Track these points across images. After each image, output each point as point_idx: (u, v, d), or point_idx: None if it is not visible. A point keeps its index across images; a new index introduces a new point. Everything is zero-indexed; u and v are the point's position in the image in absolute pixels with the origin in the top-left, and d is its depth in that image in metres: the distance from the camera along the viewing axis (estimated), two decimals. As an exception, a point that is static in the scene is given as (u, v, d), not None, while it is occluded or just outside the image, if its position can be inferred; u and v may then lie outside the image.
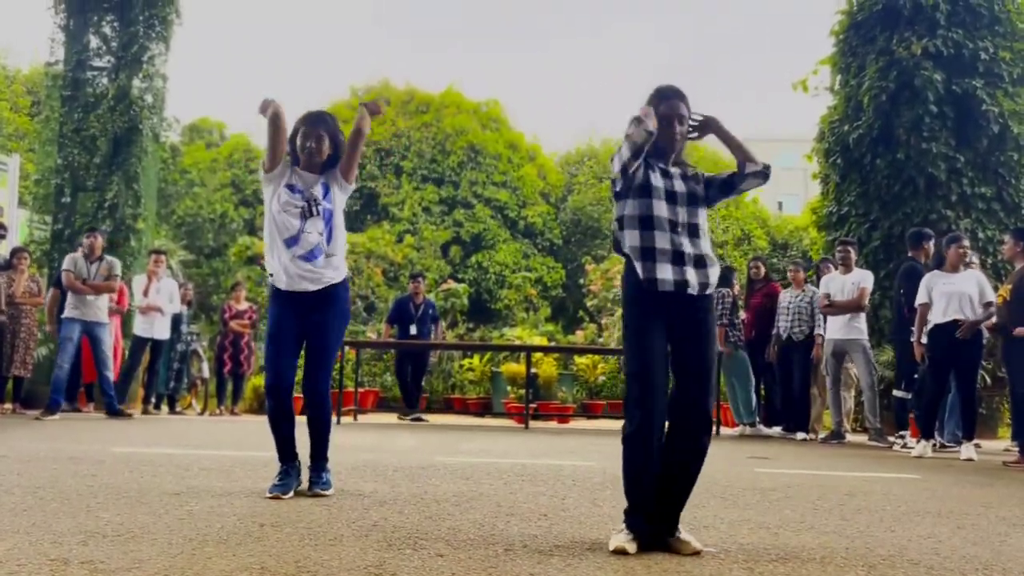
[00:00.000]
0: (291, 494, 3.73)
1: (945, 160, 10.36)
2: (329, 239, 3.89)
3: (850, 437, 8.62)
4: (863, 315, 8.29)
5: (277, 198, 3.86)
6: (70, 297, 8.57)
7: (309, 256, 3.83)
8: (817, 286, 8.89)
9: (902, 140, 10.49)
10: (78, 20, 11.66)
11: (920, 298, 7.25)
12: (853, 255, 8.44)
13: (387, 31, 78.32)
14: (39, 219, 11.57)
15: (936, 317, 7.07)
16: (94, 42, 11.75)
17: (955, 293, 6.99)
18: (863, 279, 8.30)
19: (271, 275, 3.92)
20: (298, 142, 3.87)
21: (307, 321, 3.90)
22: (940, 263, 7.31)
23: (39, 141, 12.26)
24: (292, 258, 3.83)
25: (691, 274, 2.98)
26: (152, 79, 11.78)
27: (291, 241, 3.83)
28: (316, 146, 3.84)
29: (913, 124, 10.45)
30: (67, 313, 8.55)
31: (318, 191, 3.88)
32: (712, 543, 2.98)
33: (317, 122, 3.88)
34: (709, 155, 26.01)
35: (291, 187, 3.88)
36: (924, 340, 7.25)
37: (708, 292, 3.02)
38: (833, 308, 8.25)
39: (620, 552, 2.77)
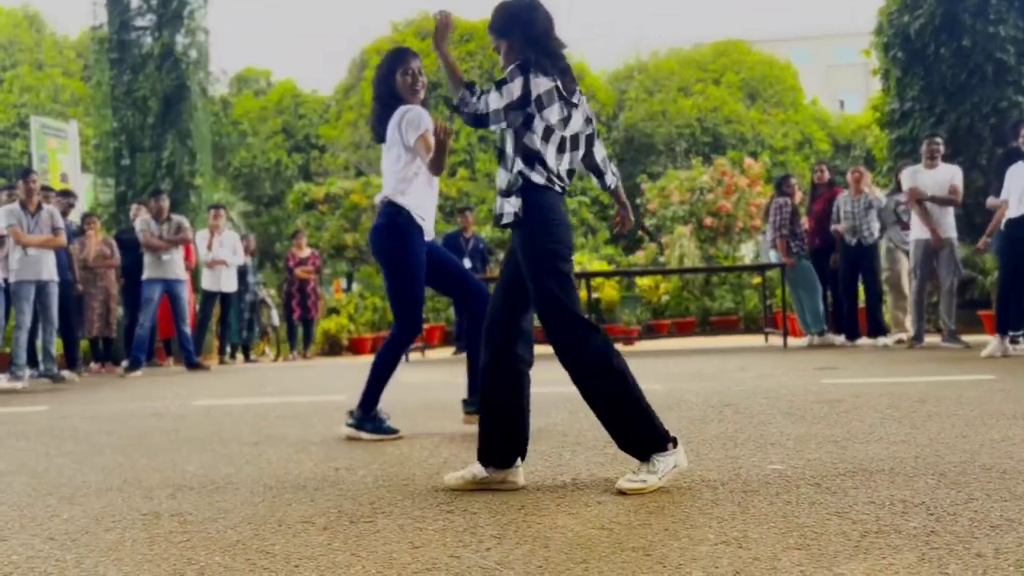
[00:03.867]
0: None
1: (1014, 43, 9.83)
2: None
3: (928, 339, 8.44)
4: (951, 212, 7.93)
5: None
6: (148, 258, 8.87)
7: None
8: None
9: (967, 25, 9.95)
10: (117, -20, 11.73)
11: (1002, 192, 6.96)
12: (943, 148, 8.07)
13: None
14: (101, 183, 11.90)
15: (1011, 210, 6.80)
16: (135, 1, 11.82)
17: None
18: (954, 174, 7.90)
19: (421, 218, 3.80)
20: (407, 80, 3.80)
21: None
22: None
23: (93, 105, 12.52)
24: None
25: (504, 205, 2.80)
26: (194, 34, 11.85)
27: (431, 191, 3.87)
28: (424, 80, 3.84)
29: (978, 7, 9.90)
30: (147, 274, 8.87)
31: None
32: (778, 459, 2.99)
33: (416, 56, 3.87)
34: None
35: None
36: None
37: (505, 221, 2.76)
38: (931, 203, 7.78)
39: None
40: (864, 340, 8.66)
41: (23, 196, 7.73)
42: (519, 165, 2.74)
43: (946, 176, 7.85)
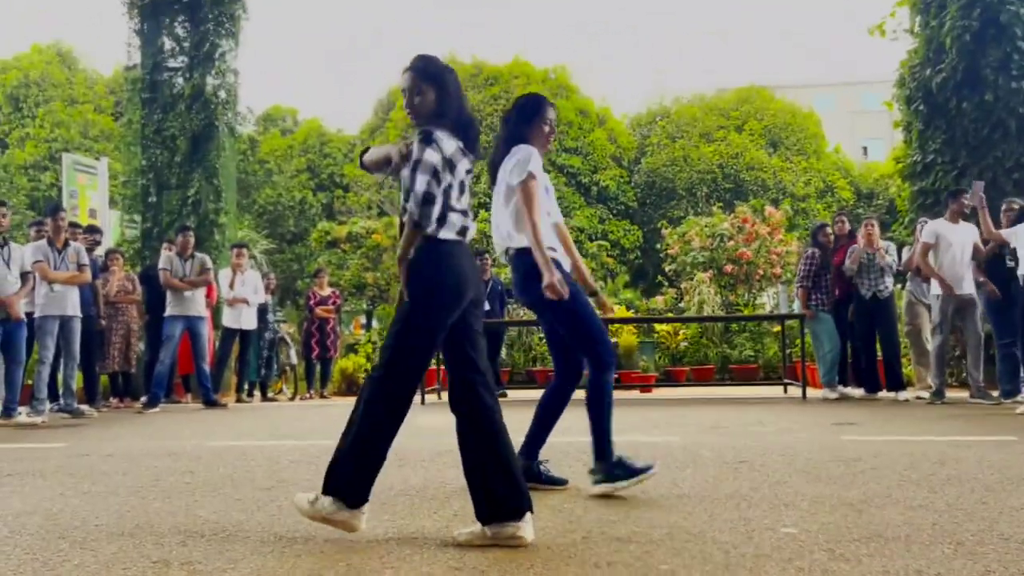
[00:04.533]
0: None
1: (1037, 99, 9.84)
2: None
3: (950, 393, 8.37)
4: (972, 268, 7.86)
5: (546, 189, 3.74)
6: (170, 296, 8.99)
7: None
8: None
9: (989, 81, 9.99)
10: (151, 23, 12.04)
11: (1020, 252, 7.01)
12: None
13: (438, 31, 77.66)
14: (128, 218, 12.10)
15: None
16: (168, 43, 12.12)
17: None
18: (976, 233, 7.82)
19: (552, 249, 3.65)
20: (543, 129, 3.73)
21: None
22: None
23: (123, 143, 12.78)
24: None
25: None
26: (224, 75, 12.11)
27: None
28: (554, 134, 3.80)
29: (1001, 63, 9.94)
30: (169, 311, 8.98)
31: None
32: (792, 522, 2.95)
33: (553, 107, 3.81)
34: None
35: (547, 189, 3.79)
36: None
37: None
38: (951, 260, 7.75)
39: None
40: (884, 394, 8.57)
41: (51, 233, 7.87)
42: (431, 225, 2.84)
43: (969, 234, 7.81)
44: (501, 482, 2.78)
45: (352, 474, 2.79)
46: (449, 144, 2.89)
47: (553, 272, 3.44)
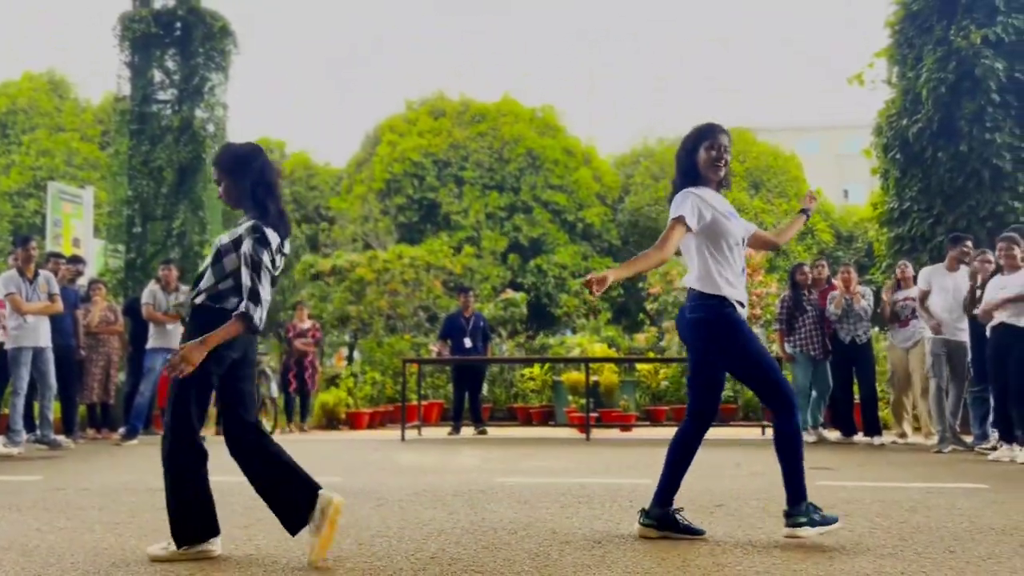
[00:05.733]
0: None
1: (1010, 150, 10.08)
2: None
3: (916, 439, 8.47)
4: (966, 317, 7.85)
5: (725, 232, 3.59)
6: (152, 328, 8.98)
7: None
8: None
9: (964, 132, 10.24)
10: (143, 56, 12.17)
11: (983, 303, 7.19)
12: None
13: (439, 38, 78.58)
14: (112, 248, 12.09)
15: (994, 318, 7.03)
16: (158, 76, 12.24)
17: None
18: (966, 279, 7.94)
19: (740, 304, 3.59)
20: (710, 154, 3.61)
21: None
22: None
23: (110, 173, 12.84)
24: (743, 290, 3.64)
25: None
26: (213, 109, 12.23)
27: (743, 271, 3.67)
28: (728, 158, 3.66)
29: (975, 115, 10.19)
30: (151, 344, 8.96)
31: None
32: (764, 569, 3.00)
33: (726, 133, 3.66)
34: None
35: (727, 214, 3.64)
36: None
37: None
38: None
39: None
40: (860, 437, 8.66)
41: (21, 263, 7.84)
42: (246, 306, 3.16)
43: (964, 281, 7.85)
44: (298, 489, 3.19)
45: (188, 522, 3.20)
46: (273, 241, 3.25)
47: (607, 275, 3.27)
